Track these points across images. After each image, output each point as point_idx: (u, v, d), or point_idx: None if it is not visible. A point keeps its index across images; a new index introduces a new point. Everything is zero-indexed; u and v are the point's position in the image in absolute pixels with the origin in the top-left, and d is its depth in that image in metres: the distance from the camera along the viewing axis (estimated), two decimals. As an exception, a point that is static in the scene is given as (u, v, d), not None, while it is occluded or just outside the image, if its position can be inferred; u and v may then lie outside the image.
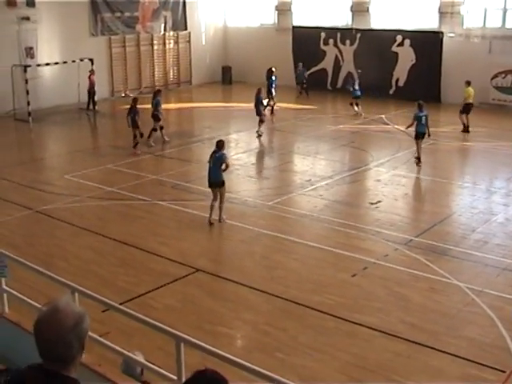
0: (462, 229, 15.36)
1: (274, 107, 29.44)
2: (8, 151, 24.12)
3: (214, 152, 15.94)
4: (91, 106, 30.77)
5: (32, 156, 23.86)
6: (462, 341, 10.26)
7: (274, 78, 29.96)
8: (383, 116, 28.70)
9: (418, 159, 20.68)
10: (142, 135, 22.95)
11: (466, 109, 25.86)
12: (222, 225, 15.79)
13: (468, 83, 26.22)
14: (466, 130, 25.58)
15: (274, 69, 30.29)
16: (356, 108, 28.96)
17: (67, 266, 13.30)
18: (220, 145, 15.93)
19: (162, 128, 24.07)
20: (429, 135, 20.89)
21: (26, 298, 10.41)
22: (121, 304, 10.51)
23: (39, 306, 9.78)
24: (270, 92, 29.41)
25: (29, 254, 13.21)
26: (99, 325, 9.85)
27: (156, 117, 23.74)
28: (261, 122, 25.21)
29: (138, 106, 22.96)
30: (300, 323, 10.93)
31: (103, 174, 20.62)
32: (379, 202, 17.47)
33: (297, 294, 11.96)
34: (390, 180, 19.48)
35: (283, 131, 26.81)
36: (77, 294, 8.88)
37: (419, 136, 20.73)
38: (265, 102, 26.20)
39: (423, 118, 20.67)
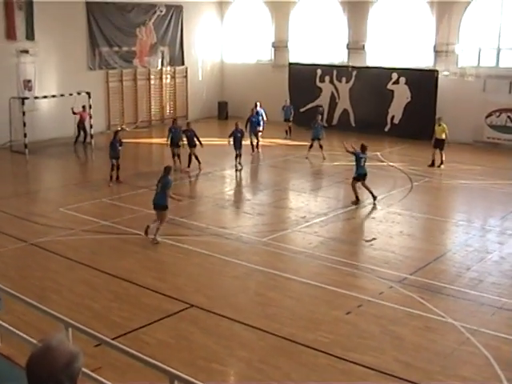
0: (457, 267, 15.33)
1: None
2: (4, 183, 24.14)
3: (162, 177, 17.39)
4: (82, 139, 30.97)
5: (28, 188, 23.87)
6: (456, 380, 10.18)
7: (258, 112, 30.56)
8: (378, 153, 28.79)
9: (357, 199, 20.78)
10: (118, 167, 23.31)
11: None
12: (216, 260, 15.75)
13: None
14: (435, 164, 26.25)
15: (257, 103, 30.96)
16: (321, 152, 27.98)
17: (60, 300, 13.23)
18: (167, 170, 17.51)
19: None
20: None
21: (18, 332, 10.36)
22: (114, 339, 10.45)
23: (31, 339, 9.73)
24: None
25: (22, 287, 13.17)
26: (91, 359, 9.77)
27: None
28: (237, 156, 25.51)
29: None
30: (294, 361, 10.86)
31: (98, 208, 20.61)
32: (374, 239, 17.45)
33: (291, 331, 11.88)
34: (384, 217, 19.48)
35: (278, 168, 26.88)
36: (70, 329, 8.84)
37: (360, 177, 20.93)
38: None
39: (363, 160, 20.92)
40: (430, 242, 17.55)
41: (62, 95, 30.73)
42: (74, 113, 30.31)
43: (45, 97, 30.41)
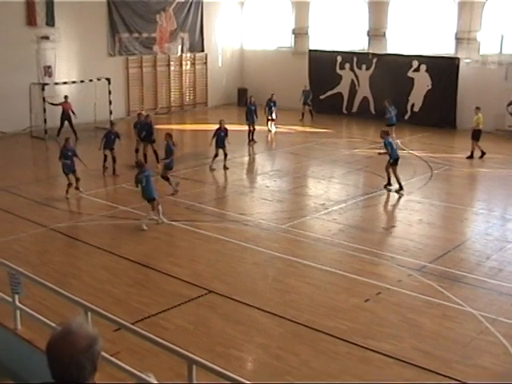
0: (477, 256, 15.25)
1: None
2: (24, 168, 24.26)
3: None
4: (73, 133, 29.17)
5: (47, 173, 24.01)
6: (475, 369, 10.14)
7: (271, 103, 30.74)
8: (398, 141, 28.57)
9: (401, 187, 20.58)
10: (114, 160, 23.24)
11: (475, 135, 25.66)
12: (235, 246, 15.75)
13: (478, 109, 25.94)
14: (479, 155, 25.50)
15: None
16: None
17: (80, 285, 13.30)
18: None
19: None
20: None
21: (38, 316, 10.45)
22: (133, 324, 10.49)
23: (51, 323, 9.81)
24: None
25: (42, 272, 13.26)
26: (110, 344, 9.83)
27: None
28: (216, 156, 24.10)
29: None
30: (312, 348, 10.86)
31: (117, 193, 20.70)
32: (393, 227, 17.41)
33: (309, 318, 11.89)
34: (404, 205, 19.41)
35: (298, 154, 26.83)
36: (90, 314, 8.89)
37: (396, 162, 20.64)
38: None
39: (393, 143, 20.86)
40: (449, 230, 17.46)
41: (82, 81, 30.88)
42: (54, 104, 29.49)
43: (65, 83, 30.54)
